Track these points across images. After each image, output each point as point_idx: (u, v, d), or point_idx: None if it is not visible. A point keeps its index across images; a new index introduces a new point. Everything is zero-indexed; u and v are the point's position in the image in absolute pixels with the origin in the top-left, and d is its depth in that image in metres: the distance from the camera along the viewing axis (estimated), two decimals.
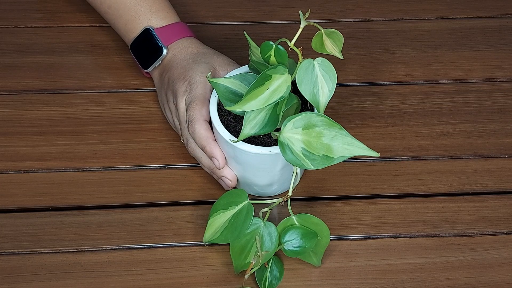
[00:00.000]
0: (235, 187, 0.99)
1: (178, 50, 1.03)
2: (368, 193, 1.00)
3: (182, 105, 0.98)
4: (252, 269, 0.88)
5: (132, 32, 1.06)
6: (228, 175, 0.96)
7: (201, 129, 0.95)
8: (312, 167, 0.86)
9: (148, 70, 1.06)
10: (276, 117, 0.89)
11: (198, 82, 0.98)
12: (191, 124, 0.96)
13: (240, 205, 0.91)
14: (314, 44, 0.89)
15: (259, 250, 0.88)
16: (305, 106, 0.95)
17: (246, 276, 0.88)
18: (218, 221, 0.91)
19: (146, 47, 1.05)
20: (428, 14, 1.19)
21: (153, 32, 1.04)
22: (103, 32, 1.12)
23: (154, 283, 0.92)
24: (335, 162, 0.86)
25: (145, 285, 0.92)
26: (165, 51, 1.04)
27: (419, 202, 0.99)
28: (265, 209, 0.91)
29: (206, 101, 0.96)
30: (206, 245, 0.94)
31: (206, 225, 0.92)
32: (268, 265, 0.91)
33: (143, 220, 0.97)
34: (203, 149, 0.96)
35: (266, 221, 0.91)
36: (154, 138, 1.04)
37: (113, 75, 1.10)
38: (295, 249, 0.90)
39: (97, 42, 1.13)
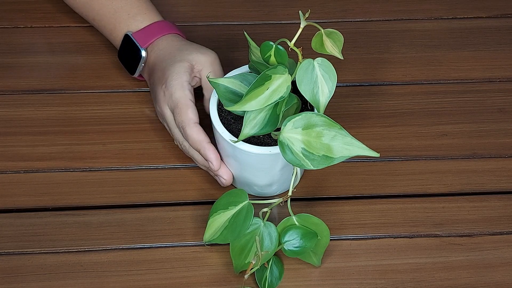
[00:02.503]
0: (234, 187, 0.99)
1: (159, 52, 1.03)
2: (368, 193, 1.00)
3: (166, 111, 0.98)
4: (252, 269, 0.88)
5: (116, 40, 1.07)
6: (224, 174, 0.96)
7: (193, 134, 0.95)
8: (312, 167, 0.86)
9: (135, 75, 1.06)
10: (276, 117, 0.89)
11: (174, 85, 0.97)
12: (182, 130, 0.96)
13: (240, 205, 0.91)
14: (314, 44, 0.89)
15: (259, 250, 0.88)
16: (305, 106, 0.95)
17: (246, 276, 0.88)
18: (218, 221, 0.91)
19: (129, 53, 1.05)
20: (428, 14, 1.19)
21: (131, 37, 1.04)
22: None
23: (154, 283, 0.92)
24: (335, 162, 0.86)
25: (145, 285, 0.92)
26: (143, 53, 1.03)
27: (419, 202, 0.99)
28: (265, 209, 0.91)
29: (189, 102, 0.96)
30: (206, 245, 0.94)
31: (206, 225, 0.92)
32: (268, 265, 0.91)
33: (143, 220, 0.97)
34: (198, 152, 0.96)
35: (266, 221, 0.91)
36: (154, 138, 1.04)
37: (113, 75, 1.10)
38: (295, 249, 0.90)
39: (97, 42, 1.13)
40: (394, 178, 1.01)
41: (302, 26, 0.87)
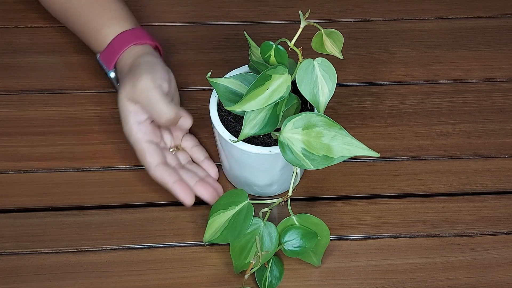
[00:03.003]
0: (234, 187, 0.99)
1: (119, 75, 1.01)
2: (368, 193, 1.00)
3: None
4: (252, 269, 0.88)
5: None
6: (205, 197, 0.96)
7: (157, 178, 0.96)
8: (312, 167, 0.86)
9: None
10: (276, 117, 0.89)
11: (126, 132, 0.96)
12: (149, 173, 0.96)
13: (240, 205, 0.91)
14: (314, 44, 0.89)
15: (259, 250, 0.88)
16: (305, 106, 0.95)
17: (246, 276, 0.88)
18: (218, 221, 0.91)
19: (106, 75, 1.05)
20: (428, 14, 1.19)
21: (100, 62, 1.03)
22: None
23: (154, 283, 0.92)
24: (335, 162, 0.86)
25: (145, 285, 0.92)
26: (112, 74, 1.03)
27: (419, 202, 0.99)
28: (265, 209, 0.91)
29: (144, 146, 0.96)
30: (206, 245, 0.94)
31: (206, 225, 0.92)
32: (268, 265, 0.91)
33: (143, 220, 0.97)
34: None
35: (266, 221, 0.91)
36: None
37: None
38: (295, 249, 0.90)
39: None
40: (394, 178, 1.01)
41: (302, 26, 0.87)
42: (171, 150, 1.00)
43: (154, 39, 1.03)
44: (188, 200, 0.95)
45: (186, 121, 0.97)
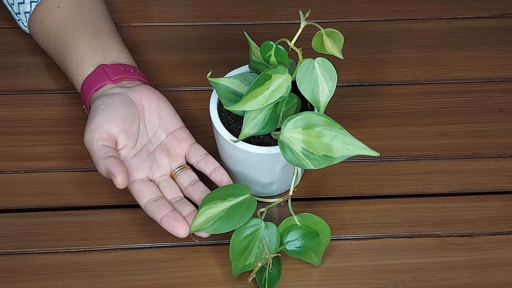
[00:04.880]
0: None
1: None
2: (368, 193, 1.00)
3: None
4: (253, 271, 0.88)
5: None
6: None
7: (149, 215, 0.92)
8: (312, 167, 0.86)
9: None
10: (276, 117, 0.89)
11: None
12: None
13: (241, 197, 0.90)
14: (314, 44, 0.89)
15: (268, 252, 0.87)
16: (305, 106, 0.95)
17: (249, 279, 0.88)
18: (212, 211, 0.89)
19: None
20: (428, 14, 1.19)
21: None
22: None
23: (154, 283, 0.92)
24: (335, 162, 0.86)
25: (145, 285, 0.92)
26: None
27: (419, 202, 0.99)
28: (262, 209, 0.91)
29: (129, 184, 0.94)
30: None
31: (196, 214, 0.91)
32: (267, 265, 0.91)
33: (143, 220, 0.97)
34: None
35: (268, 221, 0.91)
36: None
37: None
38: (297, 249, 0.90)
39: None
40: (394, 178, 1.01)
41: (302, 26, 0.88)
42: (176, 171, 0.96)
43: (117, 69, 1.00)
44: (180, 232, 0.90)
45: (115, 181, 0.91)
